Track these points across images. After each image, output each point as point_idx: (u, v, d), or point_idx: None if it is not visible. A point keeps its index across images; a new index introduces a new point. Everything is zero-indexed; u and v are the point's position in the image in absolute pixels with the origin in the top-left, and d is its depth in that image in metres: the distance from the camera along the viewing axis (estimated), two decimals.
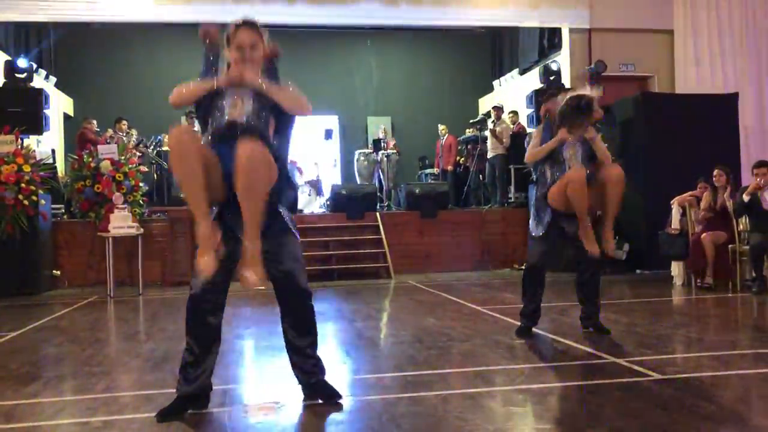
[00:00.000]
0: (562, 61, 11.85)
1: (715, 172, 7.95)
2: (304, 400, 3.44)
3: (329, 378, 3.55)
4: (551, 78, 11.17)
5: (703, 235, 7.76)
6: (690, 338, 5.01)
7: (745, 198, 7.41)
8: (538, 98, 10.99)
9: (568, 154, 4.91)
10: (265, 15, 11.86)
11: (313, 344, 3.42)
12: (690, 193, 8.30)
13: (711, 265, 7.65)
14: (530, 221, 5.13)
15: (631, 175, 9.73)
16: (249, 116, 3.12)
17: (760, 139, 11.65)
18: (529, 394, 3.53)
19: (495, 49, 15.80)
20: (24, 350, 5.13)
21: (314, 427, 3.09)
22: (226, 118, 3.11)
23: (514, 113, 12.64)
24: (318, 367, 3.42)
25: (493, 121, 12.19)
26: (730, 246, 7.70)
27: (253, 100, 3.15)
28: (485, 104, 15.24)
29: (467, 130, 13.65)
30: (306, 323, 3.41)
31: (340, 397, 3.42)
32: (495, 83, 15.43)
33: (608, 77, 11.38)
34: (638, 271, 9.79)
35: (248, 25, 3.07)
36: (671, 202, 8.48)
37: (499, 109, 12.32)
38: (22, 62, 9.83)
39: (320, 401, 3.40)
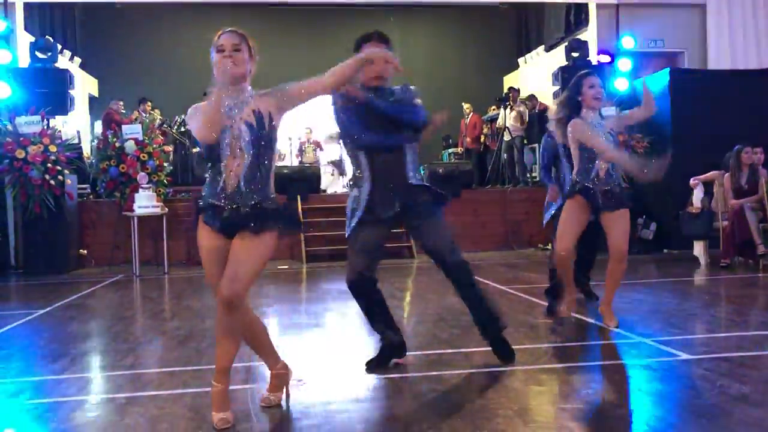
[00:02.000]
0: (589, 37, 11.61)
1: (745, 149, 7.75)
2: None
3: (353, 355, 3.54)
4: (577, 55, 10.96)
5: (747, 204, 7.54)
6: (718, 318, 4.92)
7: None
8: (564, 75, 10.81)
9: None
10: None
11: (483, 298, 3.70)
12: (713, 173, 8.14)
13: (758, 236, 7.44)
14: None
15: (658, 153, 9.64)
16: (248, 178, 2.83)
17: None
18: (552, 373, 3.49)
19: (520, 26, 15.55)
20: (51, 328, 5.20)
21: (337, 404, 3.08)
22: (222, 182, 2.84)
23: (533, 97, 12.47)
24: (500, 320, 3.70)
25: (509, 104, 12.06)
26: (761, 225, 7.53)
27: (250, 136, 2.84)
28: (510, 82, 15.04)
29: (490, 109, 13.50)
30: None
31: (512, 359, 3.63)
32: (520, 60, 15.20)
33: (637, 53, 11.13)
34: (665, 251, 9.64)
35: (230, 31, 2.97)
36: (691, 181, 8.33)
37: (515, 91, 12.21)
38: (46, 42, 9.86)
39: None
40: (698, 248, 8.31)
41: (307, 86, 2.94)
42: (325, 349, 4.29)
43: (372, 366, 3.59)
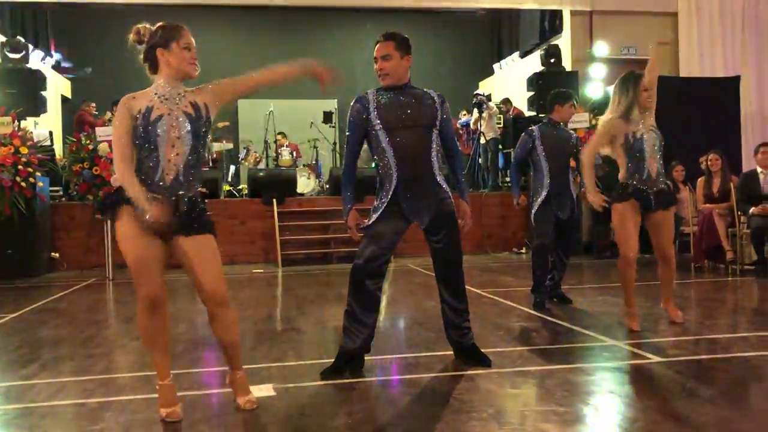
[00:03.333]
0: (563, 44, 11.75)
1: (711, 156, 7.92)
2: (457, 362, 3.75)
3: (329, 360, 3.54)
4: (552, 61, 11.08)
5: (716, 210, 7.70)
6: (690, 321, 5.00)
7: None
8: (538, 81, 10.92)
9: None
10: None
11: (468, 309, 3.79)
12: None
13: (727, 241, 7.58)
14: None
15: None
16: (186, 169, 2.87)
17: (760, 123, 11.58)
18: (528, 376, 3.52)
19: (495, 32, 15.68)
20: (22, 332, 5.11)
21: (311, 407, 3.08)
22: (160, 172, 2.84)
23: (507, 100, 12.57)
24: (471, 331, 3.79)
25: (484, 109, 12.14)
26: (729, 229, 7.68)
27: (190, 129, 2.90)
28: (485, 88, 15.15)
29: (461, 114, 13.58)
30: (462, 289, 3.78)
31: (489, 363, 3.67)
32: (495, 66, 15.33)
33: (610, 60, 11.30)
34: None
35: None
36: None
37: (479, 95, 12.30)
38: (15, 43, 9.71)
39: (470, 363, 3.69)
40: None
41: (241, 81, 3.07)
42: (301, 354, 4.28)
43: (327, 374, 3.55)
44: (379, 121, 3.56)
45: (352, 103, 3.67)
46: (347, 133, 3.70)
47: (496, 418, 2.85)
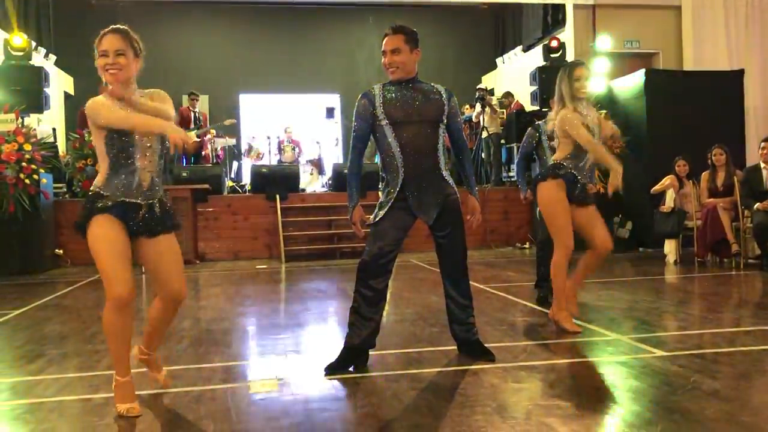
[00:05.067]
0: (566, 37, 11.72)
1: (715, 150, 7.90)
2: (461, 357, 3.77)
3: (333, 355, 3.55)
4: (555, 56, 11.06)
5: (720, 204, 7.68)
6: (693, 315, 5.00)
7: None
8: (541, 75, 10.90)
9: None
10: None
11: (472, 304, 3.83)
12: (667, 178, 8.30)
13: (731, 235, 7.56)
14: None
15: (634, 153, 9.79)
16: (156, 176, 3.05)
17: (763, 117, 11.55)
18: (532, 370, 3.53)
19: (498, 26, 15.65)
20: (27, 328, 5.14)
21: (317, 402, 3.09)
22: (136, 178, 2.98)
23: (509, 94, 12.56)
24: (475, 327, 3.82)
25: (485, 104, 12.12)
26: (734, 224, 7.67)
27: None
28: (488, 82, 15.13)
29: (464, 108, 13.57)
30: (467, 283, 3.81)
31: (493, 357, 3.68)
32: (498, 60, 15.31)
33: (612, 54, 11.27)
34: (641, 249, 9.78)
35: (112, 33, 2.99)
36: (652, 190, 8.49)
37: (482, 90, 12.29)
38: (18, 40, 9.72)
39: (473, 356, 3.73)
40: (669, 246, 8.43)
41: (143, 106, 3.03)
42: (305, 349, 4.29)
43: (331, 369, 3.56)
44: (385, 116, 3.55)
45: (358, 99, 3.65)
46: (353, 129, 3.68)
47: (499, 412, 2.85)
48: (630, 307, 5.30)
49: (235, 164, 13.32)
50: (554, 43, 11.16)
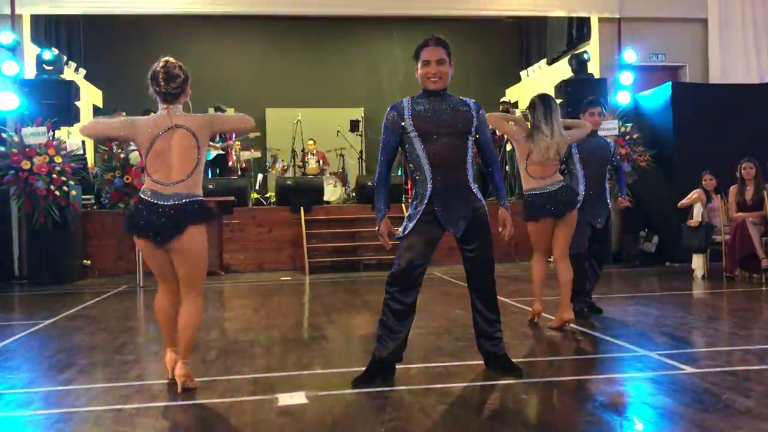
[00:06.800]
0: (591, 50, 11.68)
1: (745, 164, 7.80)
2: (488, 371, 3.75)
3: (360, 368, 3.56)
4: (580, 68, 11.03)
5: (749, 219, 7.57)
6: (722, 331, 4.93)
7: None
8: (566, 88, 10.87)
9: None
10: (291, 6, 11.92)
11: (499, 318, 3.81)
12: (694, 192, 8.21)
13: (761, 249, 7.44)
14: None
15: (661, 166, 9.70)
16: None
17: None
18: (558, 386, 3.51)
19: (522, 39, 15.63)
20: (58, 338, 5.22)
21: (344, 415, 3.10)
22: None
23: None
24: (503, 341, 3.79)
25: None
26: (763, 238, 7.56)
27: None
28: (512, 95, 15.12)
29: None
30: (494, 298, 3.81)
31: (521, 373, 3.63)
32: (522, 73, 15.28)
33: (638, 67, 11.20)
34: (667, 264, 9.67)
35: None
36: (679, 204, 8.41)
37: (506, 103, 12.26)
38: (48, 54, 9.92)
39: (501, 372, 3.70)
40: (697, 261, 8.31)
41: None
42: (331, 361, 4.30)
43: (359, 382, 3.56)
44: (414, 129, 3.57)
45: (387, 111, 3.66)
46: (381, 141, 3.69)
47: (527, 427, 2.84)
48: (658, 322, 5.24)
49: (260, 176, 13.43)
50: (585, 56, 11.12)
